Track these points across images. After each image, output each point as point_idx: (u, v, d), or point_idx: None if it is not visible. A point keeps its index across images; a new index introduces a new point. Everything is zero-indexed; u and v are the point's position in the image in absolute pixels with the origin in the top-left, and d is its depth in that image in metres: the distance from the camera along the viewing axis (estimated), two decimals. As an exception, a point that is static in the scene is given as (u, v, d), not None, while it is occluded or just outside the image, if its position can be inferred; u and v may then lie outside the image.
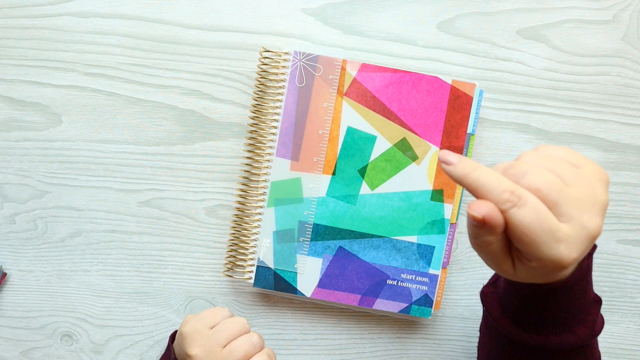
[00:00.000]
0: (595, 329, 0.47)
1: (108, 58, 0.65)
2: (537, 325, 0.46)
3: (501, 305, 0.49)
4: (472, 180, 0.38)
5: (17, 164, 0.66)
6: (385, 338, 0.66)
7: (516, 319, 0.47)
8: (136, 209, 0.66)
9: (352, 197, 0.62)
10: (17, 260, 0.66)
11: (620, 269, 0.66)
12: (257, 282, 0.63)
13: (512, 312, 0.47)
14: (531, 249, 0.38)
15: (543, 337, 0.46)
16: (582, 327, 0.46)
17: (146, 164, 0.65)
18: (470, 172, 0.38)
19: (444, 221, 0.62)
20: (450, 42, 0.65)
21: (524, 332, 0.47)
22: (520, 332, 0.47)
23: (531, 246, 0.37)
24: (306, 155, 0.62)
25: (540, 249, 0.37)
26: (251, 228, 0.63)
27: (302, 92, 0.62)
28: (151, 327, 0.66)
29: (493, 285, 0.51)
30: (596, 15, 0.65)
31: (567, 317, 0.46)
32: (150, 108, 0.65)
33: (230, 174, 0.66)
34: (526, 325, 0.47)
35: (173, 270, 0.66)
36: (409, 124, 0.62)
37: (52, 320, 0.66)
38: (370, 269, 0.63)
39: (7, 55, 0.65)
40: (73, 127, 0.65)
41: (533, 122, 0.65)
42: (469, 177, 0.38)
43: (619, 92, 0.65)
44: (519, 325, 0.47)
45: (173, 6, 0.65)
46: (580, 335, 0.46)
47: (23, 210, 0.66)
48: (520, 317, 0.47)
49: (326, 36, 0.65)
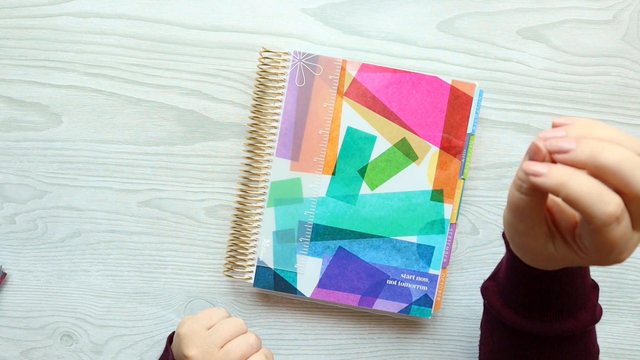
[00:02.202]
0: (595, 314, 0.48)
1: (108, 58, 0.65)
2: (540, 312, 0.47)
3: (502, 297, 0.49)
4: (571, 192, 0.34)
5: (17, 164, 0.66)
6: (385, 338, 0.66)
7: (519, 308, 0.48)
8: (136, 209, 0.66)
9: (352, 197, 0.62)
10: (17, 260, 0.66)
11: (620, 269, 0.66)
12: (257, 282, 0.63)
13: (515, 302, 0.48)
14: (609, 257, 0.37)
15: (547, 324, 0.47)
16: (583, 311, 0.47)
17: (146, 164, 0.65)
18: (567, 182, 0.35)
19: (444, 221, 0.62)
20: (450, 42, 0.65)
21: (527, 320, 0.47)
22: (524, 321, 0.47)
23: (611, 253, 0.37)
24: (306, 155, 0.62)
25: (620, 257, 0.37)
26: (251, 228, 0.63)
27: (302, 92, 0.62)
28: (151, 327, 0.66)
29: (493, 279, 0.52)
30: (596, 15, 0.65)
31: (570, 302, 0.46)
32: (150, 108, 0.65)
33: (230, 174, 0.66)
34: (529, 313, 0.47)
35: (173, 270, 0.66)
36: (408, 124, 0.62)
37: (52, 320, 0.66)
38: (370, 269, 0.63)
39: (7, 55, 0.65)
40: (73, 127, 0.65)
41: (533, 122, 0.65)
42: (566, 189, 0.35)
43: (619, 92, 0.65)
44: (522, 315, 0.48)
45: (173, 6, 0.65)
46: (582, 320, 0.47)
47: (23, 210, 0.66)
48: (524, 306, 0.47)
49: (326, 36, 0.65)
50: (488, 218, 0.66)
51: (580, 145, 0.35)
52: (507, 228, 0.42)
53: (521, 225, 0.40)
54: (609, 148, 0.35)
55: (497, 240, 0.66)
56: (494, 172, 0.65)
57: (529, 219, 0.39)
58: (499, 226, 0.66)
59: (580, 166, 0.35)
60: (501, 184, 0.65)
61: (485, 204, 0.66)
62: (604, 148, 0.35)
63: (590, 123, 0.37)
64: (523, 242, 0.41)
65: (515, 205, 0.39)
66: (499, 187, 0.65)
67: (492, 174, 0.65)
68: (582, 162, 0.35)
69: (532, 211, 0.39)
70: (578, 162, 0.35)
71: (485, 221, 0.66)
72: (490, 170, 0.65)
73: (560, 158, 0.36)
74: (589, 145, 0.35)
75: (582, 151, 0.35)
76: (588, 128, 0.36)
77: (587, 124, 0.37)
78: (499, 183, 0.65)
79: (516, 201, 0.39)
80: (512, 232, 0.41)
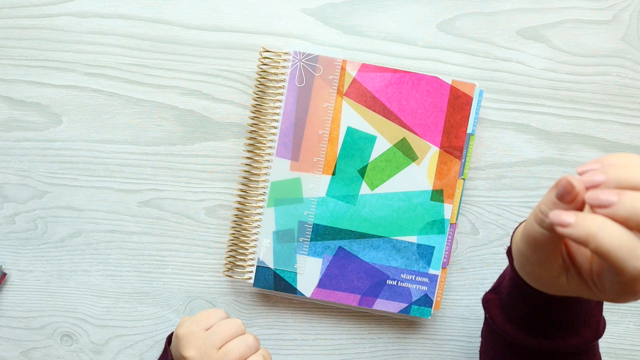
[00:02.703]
0: (599, 330, 0.47)
1: (108, 58, 0.65)
2: (543, 329, 0.46)
3: (504, 312, 0.48)
4: (601, 245, 0.31)
5: (17, 164, 0.66)
6: (385, 338, 0.66)
7: (522, 324, 0.47)
8: (136, 209, 0.66)
9: (352, 197, 0.62)
10: (17, 260, 0.66)
11: (620, 269, 0.66)
12: (257, 282, 0.63)
13: (518, 318, 0.47)
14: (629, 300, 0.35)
15: (549, 340, 0.46)
16: (586, 328, 0.46)
17: (146, 164, 0.65)
18: (597, 233, 0.31)
19: (444, 221, 0.62)
20: (450, 42, 0.65)
21: (529, 336, 0.47)
22: (526, 337, 0.47)
23: (633, 299, 0.35)
24: (306, 155, 0.62)
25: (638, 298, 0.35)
26: (251, 228, 0.63)
27: (302, 92, 0.62)
28: (151, 327, 0.66)
29: (495, 292, 0.51)
30: (596, 15, 0.65)
31: (574, 320, 0.46)
32: (150, 108, 0.65)
33: (230, 174, 0.66)
34: (532, 329, 0.46)
35: (173, 270, 0.66)
36: (408, 124, 0.62)
37: (52, 320, 0.66)
38: (370, 269, 0.63)
39: (7, 55, 0.65)
40: (73, 127, 0.65)
41: (533, 122, 0.65)
42: (595, 241, 0.32)
43: (619, 92, 0.65)
44: (524, 331, 0.47)
45: (173, 6, 0.65)
46: (585, 336, 0.46)
47: (23, 210, 0.66)
48: (527, 323, 0.46)
49: (326, 36, 0.65)
50: (488, 218, 0.66)
51: (623, 200, 0.32)
52: (519, 257, 0.40)
53: (535, 257, 0.38)
54: (606, 228, 0.32)
55: (497, 240, 0.66)
56: (494, 172, 0.65)
57: (545, 252, 0.37)
58: (499, 226, 0.66)
59: (621, 222, 0.32)
60: (501, 184, 0.65)
61: (485, 204, 0.66)
62: (601, 227, 0.32)
63: (629, 161, 0.34)
64: (534, 272, 0.39)
65: (532, 238, 0.37)
66: (498, 187, 0.65)
67: (492, 174, 0.65)
68: (623, 218, 0.32)
69: (550, 245, 0.37)
70: (619, 218, 0.32)
71: (485, 221, 0.66)
72: (490, 170, 0.65)
73: (600, 212, 0.32)
74: (632, 200, 0.32)
75: (624, 207, 0.32)
76: (628, 170, 0.33)
77: (627, 162, 0.34)
78: (498, 183, 0.65)
79: (534, 234, 0.37)
80: (523, 262, 0.40)
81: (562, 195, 0.34)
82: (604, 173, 0.33)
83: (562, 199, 0.34)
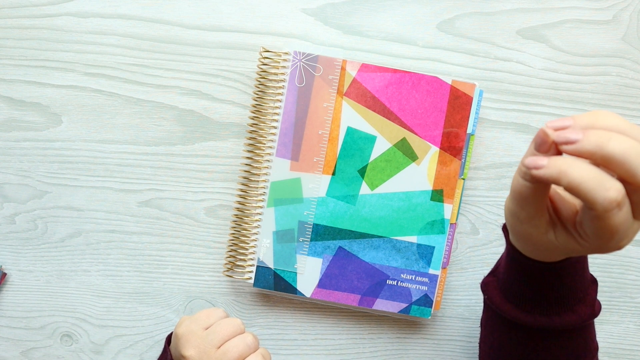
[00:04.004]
0: (595, 308, 0.48)
1: (108, 58, 0.65)
2: (540, 306, 0.47)
3: (502, 292, 0.50)
4: (572, 179, 0.35)
5: (17, 164, 0.66)
6: (385, 338, 0.66)
7: (519, 302, 0.48)
8: (136, 209, 0.66)
9: (352, 197, 0.62)
10: (17, 260, 0.66)
11: (620, 269, 0.66)
12: (257, 282, 0.63)
13: (515, 296, 0.48)
14: (610, 244, 0.38)
15: (546, 317, 0.47)
16: (582, 305, 0.48)
17: (146, 164, 0.65)
18: (568, 170, 0.35)
19: (444, 221, 0.62)
20: (450, 42, 0.65)
21: (527, 314, 0.48)
22: (524, 315, 0.48)
23: (611, 239, 0.38)
24: (306, 155, 0.62)
25: (620, 243, 0.38)
26: (251, 228, 0.63)
27: (302, 92, 0.62)
28: (151, 327, 0.66)
29: (493, 275, 0.52)
30: (596, 15, 0.65)
31: (569, 296, 0.47)
32: (150, 108, 0.65)
33: (230, 174, 0.66)
34: (529, 306, 0.47)
35: (173, 270, 0.66)
36: (408, 124, 0.62)
37: (52, 320, 0.66)
38: (370, 269, 0.63)
39: (7, 55, 0.65)
40: (73, 127, 0.65)
41: (533, 122, 0.65)
42: (567, 176, 0.35)
43: (619, 92, 0.65)
44: (521, 309, 0.48)
45: (173, 6, 0.65)
46: (581, 314, 0.47)
47: (23, 210, 0.66)
48: (523, 300, 0.48)
49: (326, 36, 0.65)
50: (488, 218, 0.66)
51: (587, 136, 0.35)
52: (509, 216, 0.42)
53: (523, 212, 0.41)
54: (615, 138, 0.35)
55: (497, 240, 0.66)
56: (494, 172, 0.65)
57: (532, 206, 0.40)
58: (499, 226, 0.66)
59: (587, 156, 0.35)
60: (501, 184, 0.65)
61: (485, 204, 0.66)
62: (610, 138, 0.35)
63: (597, 112, 0.37)
64: (524, 231, 0.42)
65: (518, 193, 0.40)
66: (499, 187, 0.65)
67: (492, 174, 0.65)
68: (589, 152, 0.35)
69: (535, 198, 0.39)
70: (585, 153, 0.35)
71: (485, 221, 0.66)
72: (490, 170, 0.65)
73: (567, 149, 0.36)
74: (596, 136, 0.35)
75: (588, 141, 0.35)
76: (594, 117, 0.37)
77: (594, 113, 0.37)
78: (498, 183, 0.65)
79: (519, 188, 0.40)
80: (513, 221, 0.42)
81: (539, 145, 0.37)
82: (572, 119, 0.37)
83: (539, 149, 0.37)
